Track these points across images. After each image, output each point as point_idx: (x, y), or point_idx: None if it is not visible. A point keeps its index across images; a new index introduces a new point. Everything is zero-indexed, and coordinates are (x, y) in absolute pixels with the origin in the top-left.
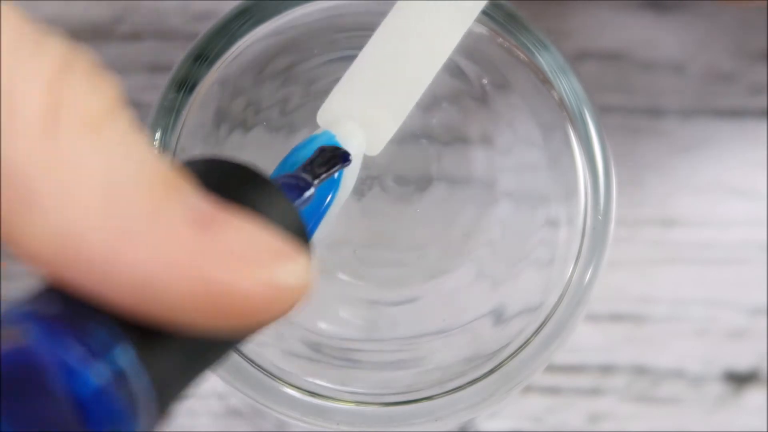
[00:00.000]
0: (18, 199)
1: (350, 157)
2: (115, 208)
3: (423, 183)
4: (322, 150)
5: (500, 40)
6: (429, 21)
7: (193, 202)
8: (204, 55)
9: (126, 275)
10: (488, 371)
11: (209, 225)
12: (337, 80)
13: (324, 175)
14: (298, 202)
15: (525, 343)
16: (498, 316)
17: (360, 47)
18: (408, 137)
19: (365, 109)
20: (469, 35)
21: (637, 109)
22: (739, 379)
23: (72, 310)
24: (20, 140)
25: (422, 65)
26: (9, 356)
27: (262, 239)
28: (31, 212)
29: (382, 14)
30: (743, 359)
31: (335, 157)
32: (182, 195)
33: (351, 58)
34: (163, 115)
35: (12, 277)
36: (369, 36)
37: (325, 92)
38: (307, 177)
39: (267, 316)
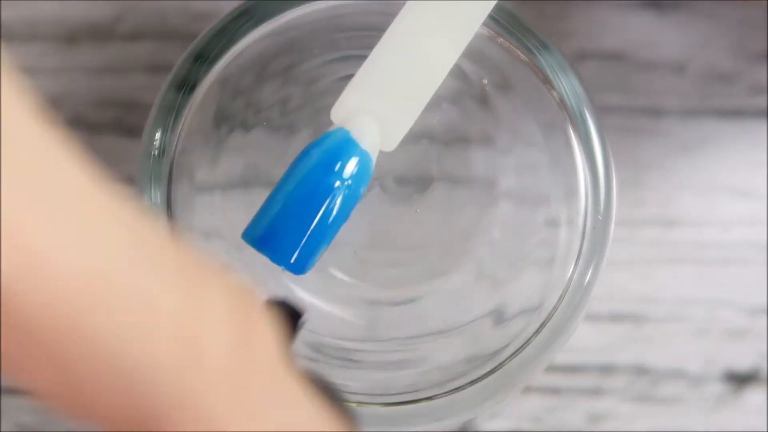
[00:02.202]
0: None
1: (303, 318)
2: None
3: (423, 183)
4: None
5: (501, 40)
6: (442, 17)
7: None
8: (204, 55)
9: None
10: (488, 371)
11: None
12: (337, 80)
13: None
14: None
15: (525, 343)
16: (498, 317)
17: (360, 47)
18: (408, 137)
19: (380, 105)
20: None
21: (637, 109)
22: (739, 379)
23: None
24: (208, 380)
25: (436, 60)
26: None
27: None
28: None
29: (383, 14)
30: (743, 359)
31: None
32: None
33: (351, 58)
34: (163, 115)
35: None
36: (369, 36)
37: (326, 92)
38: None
39: None
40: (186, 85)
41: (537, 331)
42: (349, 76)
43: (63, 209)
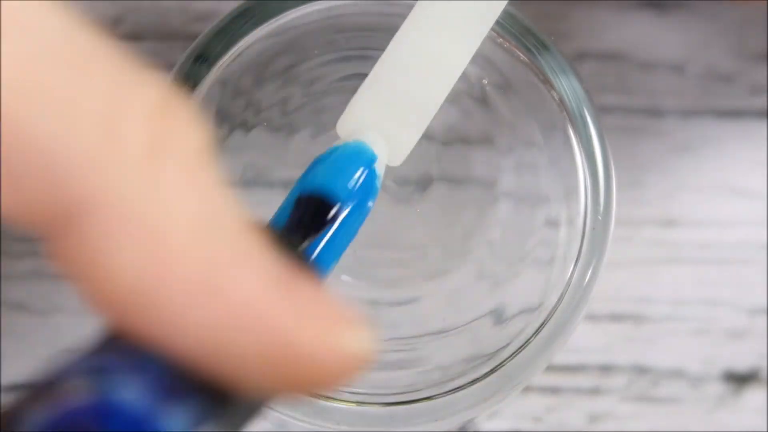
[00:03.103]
0: (110, 223)
1: (336, 211)
2: (205, 249)
3: (423, 183)
4: (299, 204)
5: (500, 40)
6: (447, 27)
7: (272, 260)
8: (204, 56)
9: (205, 321)
10: (488, 371)
11: (286, 285)
12: (337, 80)
13: (312, 239)
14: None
15: (525, 343)
16: (498, 316)
17: (360, 47)
18: None
19: (386, 119)
20: None
21: (637, 109)
22: (739, 379)
23: (142, 363)
24: (122, 168)
25: (442, 72)
26: (84, 411)
27: (334, 305)
28: (121, 241)
29: (383, 14)
30: (743, 359)
31: (317, 214)
32: (263, 251)
33: (351, 58)
34: None
35: (12, 276)
36: (369, 36)
37: (326, 92)
38: (294, 242)
39: (328, 382)
40: (186, 85)
41: (537, 331)
42: (349, 76)
43: None
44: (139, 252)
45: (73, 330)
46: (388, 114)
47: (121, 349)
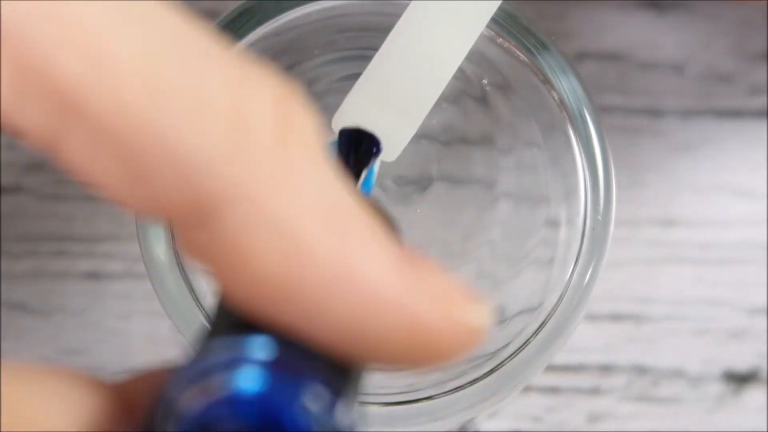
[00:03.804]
0: (248, 217)
1: (380, 144)
2: (336, 238)
3: (423, 183)
4: (347, 138)
5: (500, 40)
6: (443, 24)
7: (389, 239)
8: None
9: (340, 308)
10: (488, 371)
11: (406, 263)
12: (337, 80)
13: (364, 171)
14: None
15: (525, 343)
16: (498, 316)
17: (360, 47)
18: None
19: (381, 114)
20: None
21: (636, 109)
22: (739, 379)
23: (285, 353)
24: (252, 161)
25: (437, 69)
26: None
27: (453, 282)
28: (257, 236)
29: (383, 14)
30: (743, 359)
31: (366, 145)
32: (380, 231)
33: (351, 58)
34: None
35: (12, 276)
36: (369, 36)
37: (326, 92)
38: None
39: (451, 356)
40: None
41: (537, 331)
42: (349, 76)
43: (121, 13)
44: (276, 247)
45: (73, 330)
46: (383, 110)
47: (252, 339)
